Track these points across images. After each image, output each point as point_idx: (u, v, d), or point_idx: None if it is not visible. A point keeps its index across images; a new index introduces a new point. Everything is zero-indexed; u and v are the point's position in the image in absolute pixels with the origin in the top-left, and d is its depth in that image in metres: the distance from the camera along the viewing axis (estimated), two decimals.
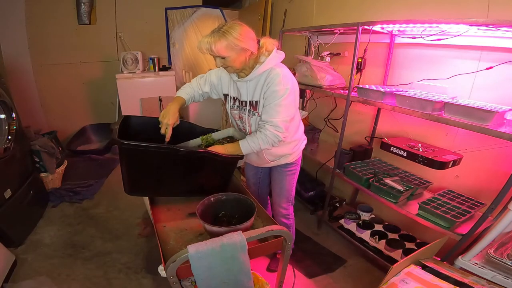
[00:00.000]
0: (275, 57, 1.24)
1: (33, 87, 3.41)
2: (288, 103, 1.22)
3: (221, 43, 1.12)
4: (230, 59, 1.17)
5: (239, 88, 1.33)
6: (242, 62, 1.20)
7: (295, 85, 1.27)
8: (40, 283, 1.61)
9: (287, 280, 1.47)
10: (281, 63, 1.28)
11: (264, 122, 1.24)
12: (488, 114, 1.20)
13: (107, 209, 2.40)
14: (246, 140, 1.25)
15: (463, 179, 1.66)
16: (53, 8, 3.25)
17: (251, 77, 1.25)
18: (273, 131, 1.21)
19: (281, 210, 1.61)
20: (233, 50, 1.15)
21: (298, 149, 1.49)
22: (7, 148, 1.88)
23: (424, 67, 1.78)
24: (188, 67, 3.83)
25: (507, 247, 1.22)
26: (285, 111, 1.22)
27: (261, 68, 1.22)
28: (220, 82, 1.42)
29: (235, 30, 1.13)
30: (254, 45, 1.20)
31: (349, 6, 2.24)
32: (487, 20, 1.16)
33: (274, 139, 1.23)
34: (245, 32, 1.15)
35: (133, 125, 1.37)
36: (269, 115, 1.22)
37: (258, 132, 1.25)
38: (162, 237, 1.10)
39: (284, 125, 1.23)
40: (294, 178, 1.56)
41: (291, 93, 1.21)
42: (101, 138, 3.79)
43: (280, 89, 1.19)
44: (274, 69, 1.22)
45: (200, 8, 3.79)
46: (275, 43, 1.27)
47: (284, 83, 1.19)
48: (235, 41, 1.12)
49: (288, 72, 1.25)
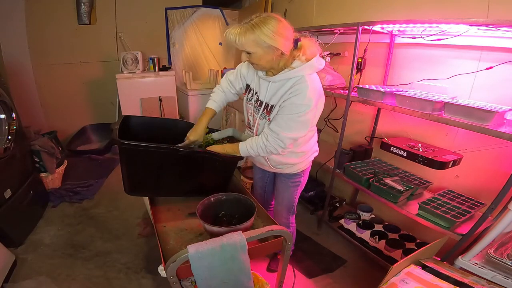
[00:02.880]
0: (312, 67, 1.10)
1: (33, 87, 3.41)
2: (305, 120, 1.11)
3: (247, 37, 1.02)
4: (256, 56, 1.07)
5: (261, 85, 1.23)
6: (269, 61, 1.09)
7: (321, 101, 1.16)
8: (40, 283, 1.61)
9: (287, 280, 1.47)
10: (315, 73, 1.15)
11: (270, 131, 1.15)
12: (488, 114, 1.20)
13: (107, 209, 2.40)
14: (245, 143, 1.21)
15: (463, 179, 1.66)
16: (53, 8, 3.25)
17: (275, 79, 1.13)
18: (274, 145, 1.14)
19: (282, 219, 1.57)
20: (259, 46, 1.03)
21: (306, 160, 1.39)
22: (7, 148, 1.88)
23: (424, 67, 1.78)
24: (188, 67, 3.83)
25: (507, 247, 1.22)
26: (298, 128, 1.12)
27: (290, 73, 1.10)
28: (248, 72, 1.32)
29: (266, 24, 1.01)
30: (288, 45, 1.07)
31: (349, 6, 2.24)
32: (487, 20, 1.16)
33: (273, 151, 1.17)
34: (279, 29, 1.02)
35: (133, 125, 1.37)
36: (279, 126, 1.12)
37: (260, 138, 1.18)
38: (162, 237, 1.10)
39: (289, 142, 1.15)
40: (298, 190, 1.48)
41: (312, 110, 1.10)
42: (101, 138, 3.79)
43: (302, 105, 1.07)
44: (305, 78, 1.08)
45: (200, 8, 3.79)
46: (317, 49, 1.15)
47: (310, 98, 1.07)
48: (263, 37, 1.01)
49: (318, 86, 1.13)
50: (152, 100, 3.37)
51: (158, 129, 1.31)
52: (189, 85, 3.34)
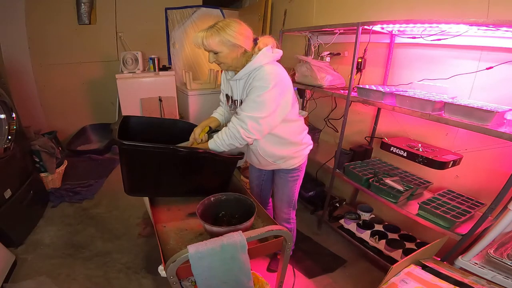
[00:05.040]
0: (265, 55, 1.19)
1: (33, 87, 3.40)
2: (263, 100, 1.14)
3: (213, 38, 1.14)
4: (222, 55, 1.18)
5: (232, 87, 1.33)
6: (234, 59, 1.20)
7: (284, 85, 1.20)
8: (40, 283, 1.61)
9: (287, 280, 1.47)
10: (276, 62, 1.23)
11: (234, 115, 1.21)
12: (488, 114, 1.20)
13: (107, 209, 2.40)
14: (213, 138, 1.23)
15: (463, 179, 1.66)
16: (53, 8, 3.25)
17: (240, 75, 1.22)
18: (236, 125, 1.16)
19: (283, 215, 1.59)
20: (225, 45, 1.15)
21: (302, 154, 1.44)
22: (7, 148, 1.88)
23: (424, 67, 1.78)
24: (188, 67, 3.83)
25: (507, 247, 1.22)
26: (256, 108, 1.14)
27: (249, 65, 1.19)
28: (223, 82, 1.43)
29: (229, 27, 1.14)
30: (249, 43, 1.19)
31: (349, 6, 2.24)
32: (487, 20, 1.16)
33: (236, 134, 1.16)
34: (240, 30, 1.15)
35: (133, 125, 1.37)
36: (241, 109, 1.19)
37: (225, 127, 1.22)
38: (162, 237, 1.10)
39: (251, 123, 1.15)
40: (297, 185, 1.52)
41: (271, 91, 1.14)
42: (101, 138, 3.79)
43: (260, 85, 1.14)
44: (263, 67, 1.17)
45: (200, 8, 3.79)
46: (270, 41, 1.24)
47: (267, 79, 1.14)
48: (227, 37, 1.13)
49: (278, 70, 1.19)
50: (152, 100, 3.37)
51: (158, 129, 1.31)
52: (189, 85, 3.34)
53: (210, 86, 3.39)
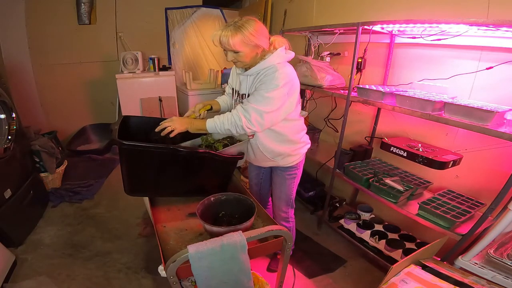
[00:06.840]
0: (279, 56, 1.23)
1: (33, 87, 3.41)
2: (271, 96, 1.17)
3: (237, 38, 1.14)
4: (243, 54, 1.19)
5: (241, 81, 1.35)
6: (252, 58, 1.22)
7: (293, 86, 1.23)
8: (40, 283, 1.61)
9: (287, 280, 1.47)
10: (288, 63, 1.27)
11: (240, 104, 1.24)
12: (488, 114, 1.20)
13: (107, 209, 2.40)
14: (213, 119, 1.23)
15: (463, 179, 1.66)
16: (53, 8, 3.25)
17: (252, 71, 1.25)
18: (239, 113, 1.18)
19: (281, 214, 1.61)
20: (247, 45, 1.16)
21: (299, 152, 1.47)
22: (7, 148, 1.88)
23: (424, 67, 1.78)
24: (188, 67, 3.82)
25: (507, 247, 1.22)
26: (263, 102, 1.17)
27: (263, 63, 1.22)
28: (232, 76, 1.46)
29: (250, 25, 1.14)
30: (266, 42, 1.22)
31: (349, 6, 2.24)
32: (487, 20, 1.16)
33: (237, 121, 1.18)
34: (259, 29, 1.17)
35: (133, 125, 1.37)
36: (248, 100, 1.21)
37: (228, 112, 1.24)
38: (162, 237, 1.10)
39: (255, 115, 1.17)
40: (295, 182, 1.54)
41: (279, 89, 1.17)
42: (101, 138, 3.79)
43: (270, 83, 1.17)
44: (276, 67, 1.21)
45: (200, 8, 3.79)
46: (285, 42, 1.28)
47: (278, 78, 1.17)
48: (250, 36, 1.14)
49: (290, 71, 1.22)
50: (152, 100, 3.37)
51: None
52: (189, 85, 3.34)
53: (210, 86, 3.40)
